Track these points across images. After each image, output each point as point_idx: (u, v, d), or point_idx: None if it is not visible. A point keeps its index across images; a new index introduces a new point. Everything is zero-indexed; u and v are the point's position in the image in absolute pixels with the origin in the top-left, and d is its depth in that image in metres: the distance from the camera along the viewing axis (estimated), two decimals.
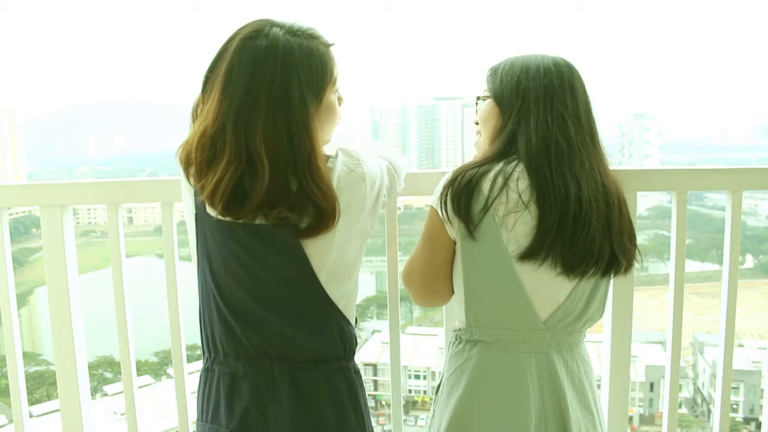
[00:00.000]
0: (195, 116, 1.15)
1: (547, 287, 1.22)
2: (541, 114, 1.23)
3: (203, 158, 1.08)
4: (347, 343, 1.20)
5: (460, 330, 1.31)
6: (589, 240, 1.19)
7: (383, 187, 1.22)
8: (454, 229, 1.24)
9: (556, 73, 1.26)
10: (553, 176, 1.19)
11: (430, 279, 1.32)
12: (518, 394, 1.23)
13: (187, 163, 1.11)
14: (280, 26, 1.11)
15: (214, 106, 1.08)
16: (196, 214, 1.16)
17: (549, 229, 1.17)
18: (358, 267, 1.21)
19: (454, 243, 1.26)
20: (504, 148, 1.25)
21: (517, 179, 1.19)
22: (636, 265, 1.30)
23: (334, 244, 1.13)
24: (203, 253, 1.16)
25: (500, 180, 1.19)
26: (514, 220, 1.19)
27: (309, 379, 1.16)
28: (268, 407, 1.15)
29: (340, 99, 1.21)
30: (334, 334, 1.18)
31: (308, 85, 1.10)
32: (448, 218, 1.23)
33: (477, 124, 1.36)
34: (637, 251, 1.30)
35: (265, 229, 1.10)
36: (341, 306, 1.17)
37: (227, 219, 1.10)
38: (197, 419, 1.24)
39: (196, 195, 1.13)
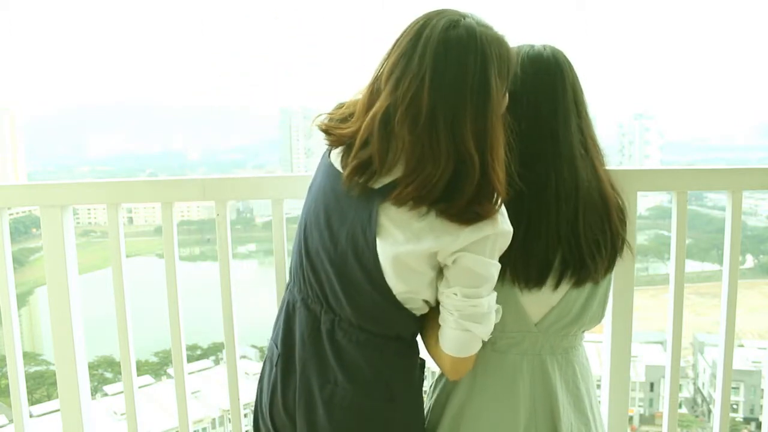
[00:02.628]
0: (379, 87, 1.05)
1: (537, 291, 1.20)
2: None
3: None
4: (398, 329, 1.16)
5: None
6: (542, 252, 1.16)
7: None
8: None
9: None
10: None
11: None
12: (508, 394, 1.22)
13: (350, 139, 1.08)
14: (467, 17, 1.04)
15: (418, 93, 1.00)
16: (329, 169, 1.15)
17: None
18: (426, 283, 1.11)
19: None
20: None
21: None
22: (608, 271, 1.24)
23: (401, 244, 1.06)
24: (311, 189, 1.20)
25: None
26: None
27: (346, 337, 1.15)
28: (308, 346, 1.18)
29: None
30: (385, 320, 1.15)
31: (500, 76, 1.04)
32: None
33: None
34: (613, 253, 1.23)
35: (370, 193, 1.07)
36: (401, 299, 1.11)
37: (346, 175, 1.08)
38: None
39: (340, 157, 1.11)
